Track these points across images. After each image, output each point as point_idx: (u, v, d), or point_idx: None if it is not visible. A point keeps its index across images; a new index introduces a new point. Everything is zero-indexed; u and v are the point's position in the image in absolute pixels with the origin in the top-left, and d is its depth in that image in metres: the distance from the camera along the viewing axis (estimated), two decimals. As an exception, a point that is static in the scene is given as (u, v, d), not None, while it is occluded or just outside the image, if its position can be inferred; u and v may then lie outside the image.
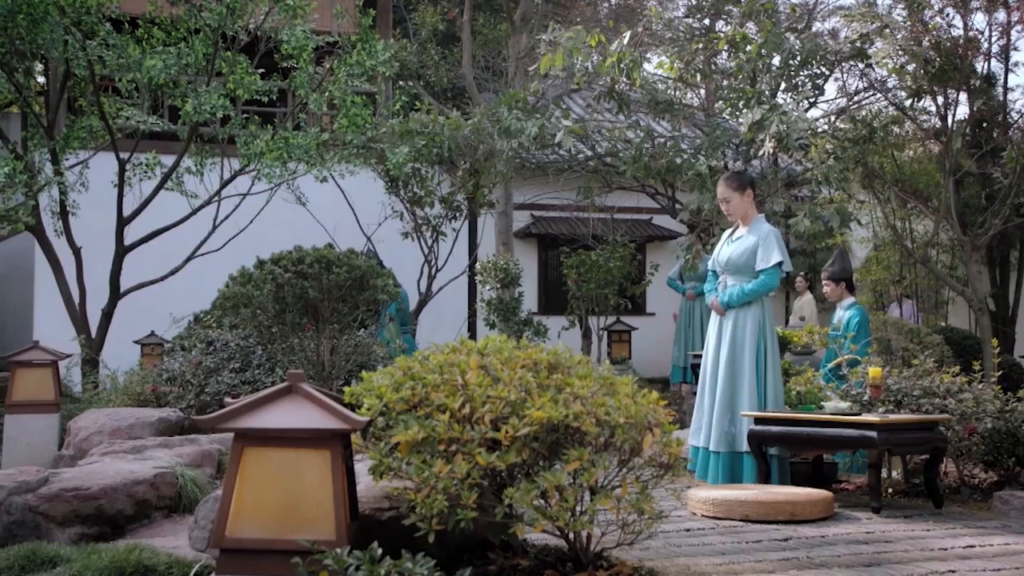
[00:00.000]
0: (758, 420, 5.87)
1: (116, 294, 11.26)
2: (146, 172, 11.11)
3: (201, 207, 11.31)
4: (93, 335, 11.17)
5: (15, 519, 5.11)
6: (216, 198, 11.50)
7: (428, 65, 14.17)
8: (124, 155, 10.96)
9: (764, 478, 5.86)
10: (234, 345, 8.23)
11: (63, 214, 10.99)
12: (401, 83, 14.49)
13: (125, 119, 10.63)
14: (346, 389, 3.23)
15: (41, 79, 13.28)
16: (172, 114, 12.47)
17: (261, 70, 10.94)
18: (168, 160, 11.27)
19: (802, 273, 13.85)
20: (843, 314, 8.17)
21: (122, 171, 10.89)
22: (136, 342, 11.70)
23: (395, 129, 11.12)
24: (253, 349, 8.14)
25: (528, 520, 3.03)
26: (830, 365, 7.32)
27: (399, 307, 9.28)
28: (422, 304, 11.95)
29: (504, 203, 13.28)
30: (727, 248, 6.38)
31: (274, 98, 11.80)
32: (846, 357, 6.95)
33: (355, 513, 3.29)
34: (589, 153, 11.55)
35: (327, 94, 11.20)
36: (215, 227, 11.77)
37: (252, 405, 3.00)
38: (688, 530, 4.81)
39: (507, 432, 2.98)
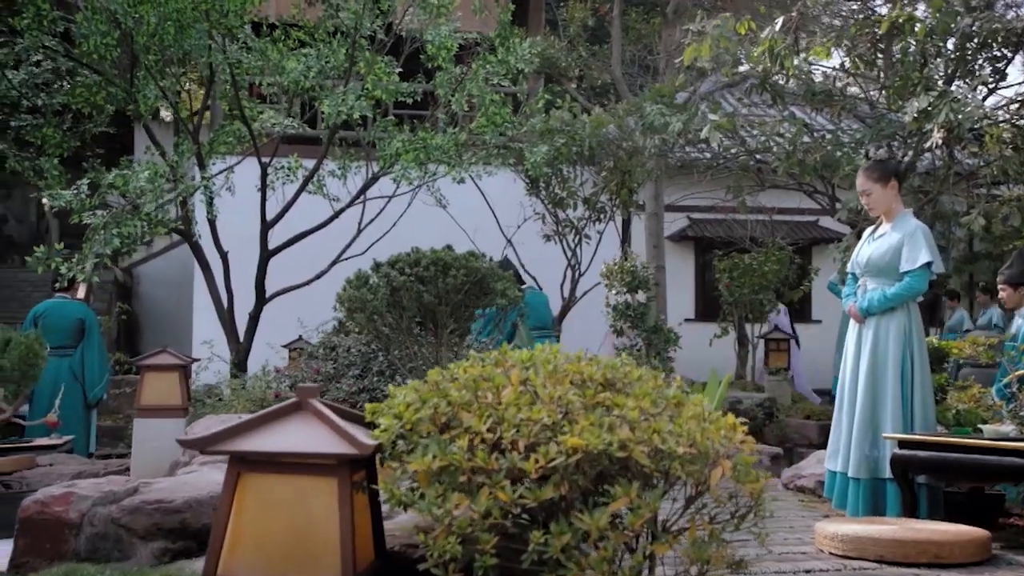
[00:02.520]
0: (902, 444, 5.15)
1: (262, 298, 11.26)
2: (288, 176, 11.09)
3: (342, 210, 11.20)
4: (241, 339, 11.21)
5: (97, 531, 4.93)
6: (358, 201, 11.37)
7: (576, 62, 13.72)
8: (266, 159, 10.95)
9: (909, 510, 5.13)
10: (355, 351, 7.99)
11: (210, 219, 11.07)
12: (551, 83, 14.10)
13: (268, 123, 10.60)
14: (367, 406, 2.82)
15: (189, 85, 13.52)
16: (316, 118, 12.47)
17: (400, 70, 10.72)
18: (311, 164, 11.22)
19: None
20: (1021, 323, 7.26)
21: (264, 175, 10.88)
22: (284, 346, 11.72)
23: (536, 128, 10.73)
24: (374, 355, 7.87)
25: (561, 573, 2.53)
26: (1004, 381, 6.45)
27: (521, 312, 8.84)
28: (566, 309, 11.51)
29: (654, 204, 12.69)
30: (868, 247, 5.66)
31: (418, 99, 11.61)
32: (1018, 373, 6.09)
33: (381, 550, 2.87)
34: (739, 150, 10.84)
35: (467, 93, 10.91)
36: (360, 231, 11.64)
37: (253, 424, 2.63)
38: (808, 572, 4.18)
39: (536, 462, 2.49)
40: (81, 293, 15.35)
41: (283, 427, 2.65)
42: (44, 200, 9.04)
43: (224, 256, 11.15)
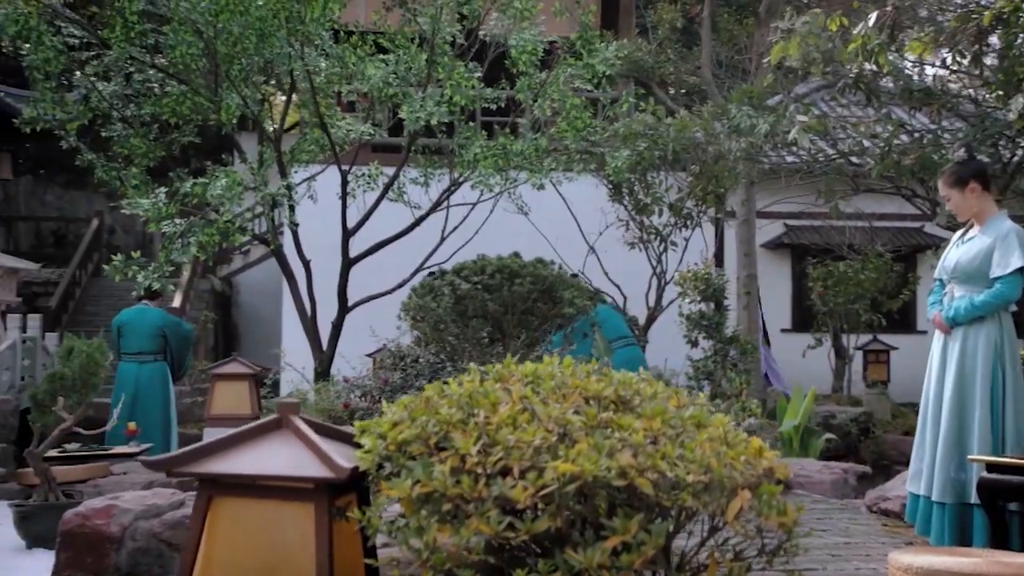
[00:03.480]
0: (991, 467, 4.71)
1: (344, 307, 11.19)
2: (369, 183, 11.01)
3: (422, 218, 11.07)
4: (325, 348, 11.16)
5: (139, 546, 4.84)
6: (439, 208, 11.23)
7: (665, 65, 13.37)
8: (346, 167, 10.89)
9: (998, 540, 4.68)
10: (424, 361, 7.82)
11: (293, 228, 11.07)
12: (640, 87, 13.77)
13: (346, 130, 10.53)
14: (356, 424, 2.59)
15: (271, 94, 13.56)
16: (399, 125, 12.38)
17: (479, 74, 10.53)
18: (394, 171, 11.12)
19: None
20: None
21: (344, 183, 10.82)
22: (368, 355, 11.63)
23: (619, 132, 10.43)
24: (443, 366, 7.68)
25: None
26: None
27: (593, 322, 8.55)
28: (651, 319, 11.16)
29: (745, 210, 12.24)
30: (956, 251, 5.21)
31: (501, 105, 11.43)
32: None
33: (371, 581, 2.63)
34: (831, 152, 10.35)
35: (548, 99, 10.67)
36: (443, 239, 11.49)
37: (227, 443, 2.43)
38: (874, 608, 3.81)
39: (525, 489, 2.23)
40: (177, 302, 15.64)
41: (260, 447, 2.45)
42: (123, 209, 9.11)
43: (306, 264, 11.13)
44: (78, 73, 10.65)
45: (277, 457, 2.41)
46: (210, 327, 16.49)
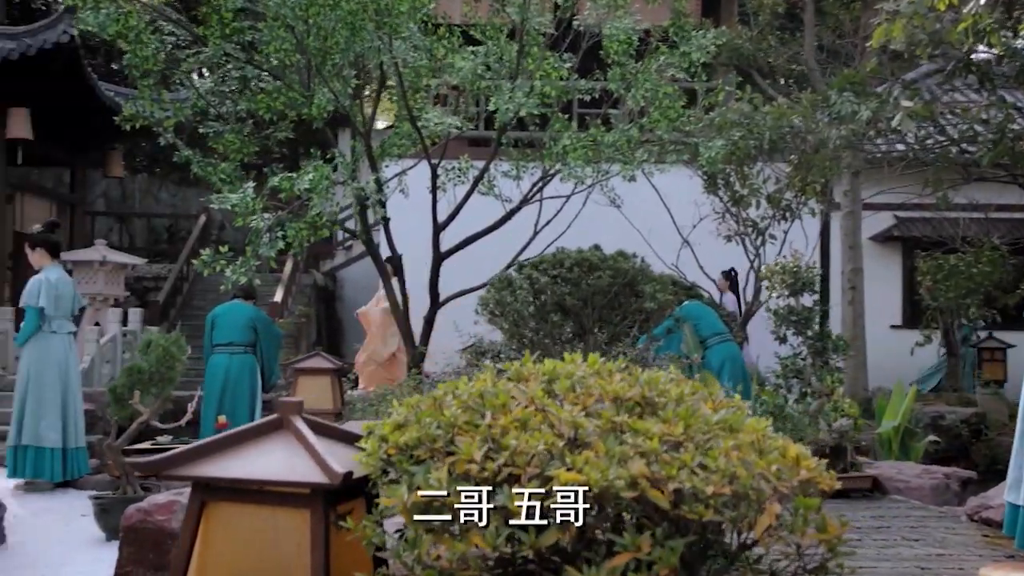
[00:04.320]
0: (1096, 476, 4.31)
1: (436, 302, 11.12)
2: (459, 177, 10.90)
3: (513, 211, 10.90)
4: (418, 343, 11.11)
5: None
6: (530, 201, 11.04)
7: (766, 52, 12.92)
8: (436, 161, 10.80)
9: (1104, 556, 4.29)
10: (504, 356, 7.65)
11: (384, 222, 11.04)
12: (740, 75, 13.35)
13: (433, 123, 10.42)
14: (363, 424, 2.43)
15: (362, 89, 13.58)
16: (492, 118, 12.24)
17: (568, 64, 10.31)
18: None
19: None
20: None
21: (434, 176, 10.73)
22: (463, 350, 11.53)
23: (714, 121, 10.10)
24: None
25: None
26: None
27: (677, 318, 8.26)
28: (749, 314, 10.79)
29: (850, 201, 11.75)
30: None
31: (595, 96, 11.20)
32: None
33: (380, 592, 2.47)
34: (940, 139, 9.83)
35: (641, 89, 10.39)
36: (536, 232, 11.30)
37: (222, 445, 2.29)
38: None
39: (525, 498, 2.04)
40: (278, 296, 15.84)
41: (257, 449, 2.31)
42: (213, 204, 9.18)
43: (398, 259, 11.09)
44: (176, 70, 10.82)
45: (273, 460, 2.28)
46: (303, 321, 16.63)
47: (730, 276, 12.13)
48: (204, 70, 11.04)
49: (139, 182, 23.32)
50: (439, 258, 11.01)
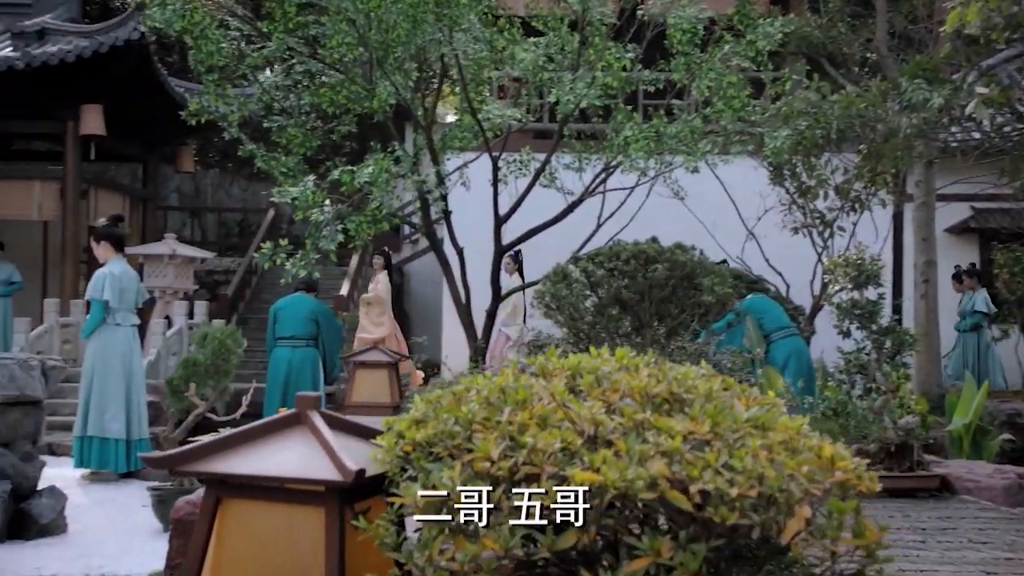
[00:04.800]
0: None
1: (497, 295, 11.07)
2: (521, 169, 10.83)
3: (575, 204, 10.80)
4: (480, 335, 11.08)
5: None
6: (593, 193, 10.93)
7: (837, 40, 12.59)
8: (497, 153, 10.74)
9: None
10: (561, 351, 7.56)
11: (445, 215, 11.02)
12: (810, 64, 13.04)
13: (492, 115, 10.36)
14: (383, 420, 2.36)
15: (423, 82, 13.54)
16: (554, 109, 12.14)
17: (630, 55, 10.15)
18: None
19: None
20: None
21: (495, 169, 10.68)
22: (526, 344, 11.46)
23: (779, 111, 9.87)
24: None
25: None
26: None
27: (737, 311, 8.08)
28: (816, 308, 10.55)
29: (923, 192, 11.41)
30: None
31: (660, 87, 11.04)
32: None
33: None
34: (1018, 126, 9.46)
35: (706, 78, 10.20)
36: (599, 225, 11.19)
37: (238, 440, 2.25)
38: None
39: (539, 501, 1.95)
40: (344, 290, 15.93)
41: (273, 445, 2.26)
42: (273, 197, 9.24)
43: (460, 252, 11.06)
44: (241, 66, 10.91)
45: (288, 456, 2.22)
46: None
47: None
48: (268, 65, 11.10)
49: (211, 177, 23.67)
50: (501, 251, 10.96)
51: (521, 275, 11.81)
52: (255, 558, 2.23)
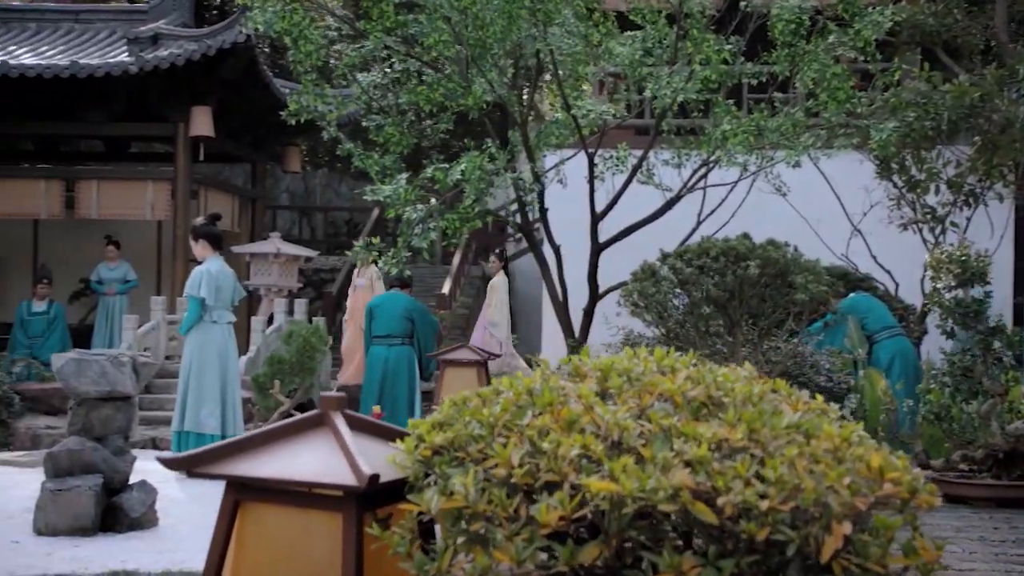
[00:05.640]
0: None
1: (594, 293, 10.92)
2: (618, 166, 10.66)
3: (673, 200, 10.58)
4: (577, 334, 10.95)
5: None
6: (693, 189, 10.69)
7: (952, 27, 12.05)
8: (593, 150, 10.58)
9: None
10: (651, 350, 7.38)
11: (542, 213, 10.93)
12: (924, 54, 12.53)
13: (585, 111, 10.21)
14: (410, 422, 2.27)
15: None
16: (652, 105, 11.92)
17: (728, 47, 9.87)
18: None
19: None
20: None
21: (591, 165, 10.53)
22: (624, 343, 11.29)
23: (887, 102, 9.49)
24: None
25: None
26: None
27: (834, 310, 7.75)
28: (926, 308, 10.10)
29: (1043, 186, 10.84)
30: None
31: (763, 80, 10.74)
32: None
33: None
34: None
35: (810, 70, 9.86)
36: (700, 222, 10.94)
37: (259, 441, 2.18)
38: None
39: (552, 512, 1.83)
40: (446, 288, 15.98)
41: (293, 447, 2.19)
42: (366, 196, 9.27)
43: (556, 249, 10.95)
44: (338, 65, 11.01)
45: (307, 459, 2.14)
46: (465, 312, 16.69)
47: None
48: (366, 64, 11.16)
49: (320, 177, 24.06)
50: (598, 249, 10.81)
51: (506, 271, 12.24)
52: (273, 564, 2.16)
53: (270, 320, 12.61)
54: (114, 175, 15.92)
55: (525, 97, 11.04)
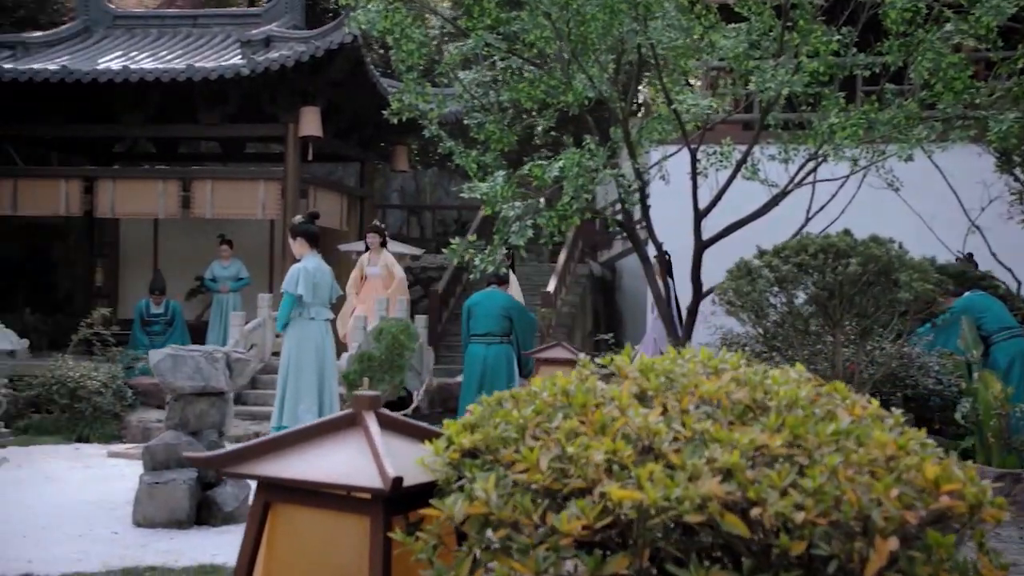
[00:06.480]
0: None
1: (698, 292, 10.70)
2: (722, 162, 10.40)
3: (778, 197, 10.25)
4: (681, 333, 10.75)
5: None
6: (801, 184, 10.35)
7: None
8: (695, 145, 10.35)
9: None
10: (749, 349, 7.16)
11: (644, 210, 10.75)
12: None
13: (686, 106, 9.97)
14: (446, 423, 2.19)
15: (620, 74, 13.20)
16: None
17: (837, 37, 9.53)
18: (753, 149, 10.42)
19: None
20: None
21: (694, 161, 10.30)
22: (724, 342, 11.07)
23: (1009, 91, 9.02)
24: (768, 356, 6.98)
25: None
26: None
27: (952, 311, 7.38)
28: (1048, 307, 9.60)
29: None
30: None
31: (875, 71, 10.35)
32: None
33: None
34: None
35: (924, 60, 9.45)
36: (808, 219, 10.60)
37: (290, 440, 2.13)
38: None
39: (574, 520, 1.72)
40: (551, 286, 15.90)
41: (324, 447, 2.12)
42: (463, 193, 9.25)
43: (659, 247, 10.77)
44: (439, 63, 11.02)
45: (337, 460, 2.08)
46: (570, 311, 16.58)
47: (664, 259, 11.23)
48: (468, 62, 11.15)
49: (430, 176, 24.26)
50: (701, 246, 10.57)
51: (512, 269, 12.10)
52: (303, 566, 2.10)
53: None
54: (227, 175, 16.36)
55: (627, 92, 10.87)
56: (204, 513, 6.52)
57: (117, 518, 6.78)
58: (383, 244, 12.51)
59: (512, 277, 12.41)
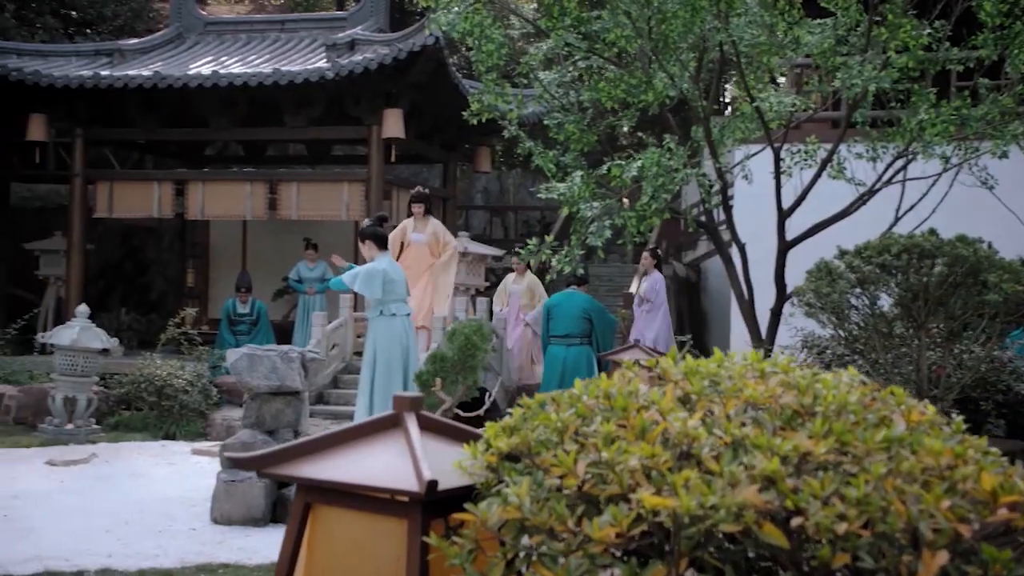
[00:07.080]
0: None
1: (782, 293, 10.49)
2: (807, 160, 10.18)
3: (865, 196, 10.00)
4: (764, 335, 10.56)
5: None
6: (891, 182, 10.07)
7: None
8: (778, 144, 10.15)
9: None
10: (831, 353, 6.98)
11: (726, 210, 10.58)
12: None
13: (769, 103, 9.78)
14: (489, 425, 2.14)
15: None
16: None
17: (928, 31, 9.25)
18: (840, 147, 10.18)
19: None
20: None
21: (777, 160, 10.10)
22: (806, 346, 10.83)
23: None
24: (851, 359, 6.79)
25: None
26: None
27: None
28: None
29: None
30: None
31: (971, 66, 10.04)
32: None
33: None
34: None
35: (1022, 53, 9.12)
36: (897, 219, 10.31)
37: (331, 442, 2.11)
38: None
39: (606, 527, 1.66)
40: (633, 287, 15.77)
41: (366, 449, 2.09)
42: (540, 194, 9.21)
43: (742, 248, 10.58)
44: (518, 64, 11.01)
45: (376, 462, 2.05)
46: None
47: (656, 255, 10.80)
48: (548, 62, 11.12)
49: (514, 177, 24.29)
50: (785, 247, 10.36)
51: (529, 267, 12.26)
52: (343, 569, 2.08)
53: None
54: (312, 177, 16.58)
55: (708, 91, 10.70)
56: (280, 511, 6.59)
57: (196, 515, 6.89)
58: (427, 211, 12.44)
59: (530, 276, 12.35)
